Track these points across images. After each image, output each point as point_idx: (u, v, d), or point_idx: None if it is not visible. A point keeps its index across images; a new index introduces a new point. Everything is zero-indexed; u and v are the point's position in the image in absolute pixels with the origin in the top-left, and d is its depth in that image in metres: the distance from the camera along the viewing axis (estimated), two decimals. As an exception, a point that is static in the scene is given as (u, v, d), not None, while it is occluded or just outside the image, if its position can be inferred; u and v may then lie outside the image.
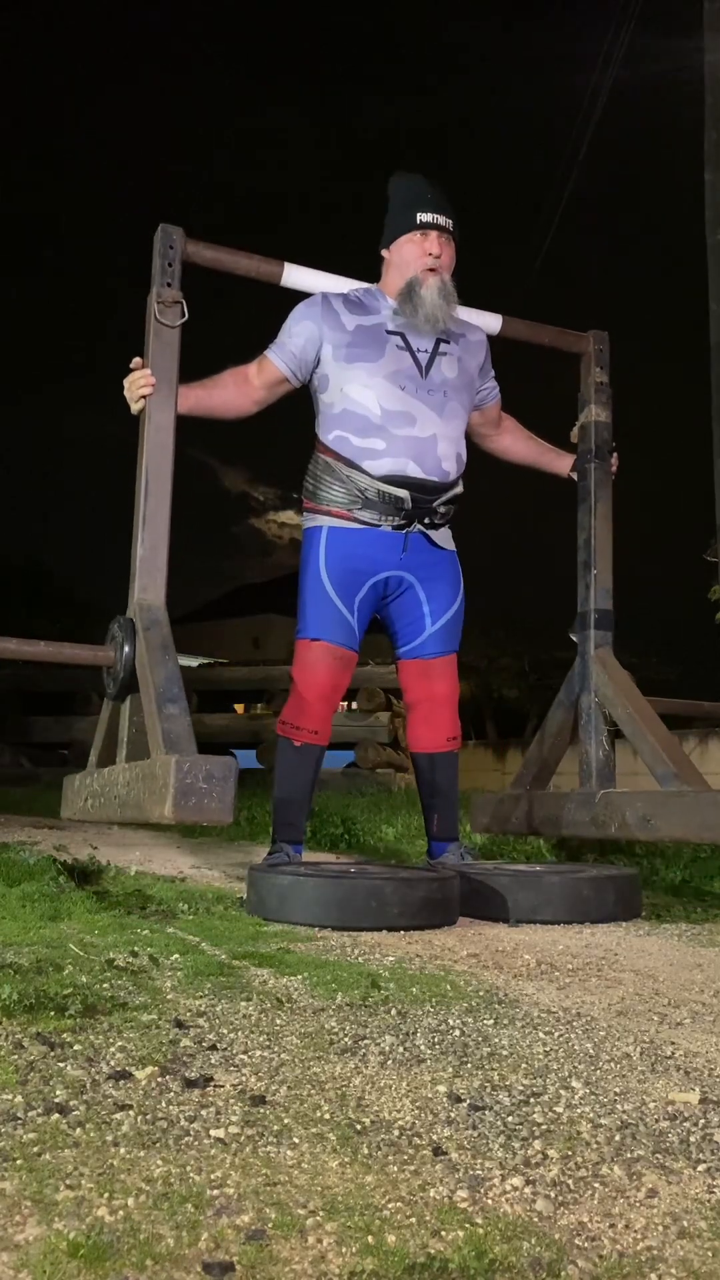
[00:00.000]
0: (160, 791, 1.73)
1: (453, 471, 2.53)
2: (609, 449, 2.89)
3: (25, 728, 9.20)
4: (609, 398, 2.90)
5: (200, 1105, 0.93)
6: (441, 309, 2.49)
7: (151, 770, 1.84)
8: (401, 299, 2.50)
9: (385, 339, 2.50)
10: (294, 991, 1.39)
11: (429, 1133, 0.89)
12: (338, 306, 2.52)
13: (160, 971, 1.47)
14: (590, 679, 2.79)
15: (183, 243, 2.45)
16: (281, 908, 1.97)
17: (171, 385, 2.38)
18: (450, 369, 2.55)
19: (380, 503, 2.47)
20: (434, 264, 2.50)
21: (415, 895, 1.95)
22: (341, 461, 2.48)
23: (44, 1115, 0.89)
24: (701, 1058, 1.14)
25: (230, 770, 1.72)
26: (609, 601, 2.84)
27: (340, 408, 2.49)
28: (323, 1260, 0.66)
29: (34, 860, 2.57)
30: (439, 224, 2.52)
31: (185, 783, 1.70)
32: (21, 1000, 1.23)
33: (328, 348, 2.50)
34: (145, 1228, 0.69)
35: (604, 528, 2.86)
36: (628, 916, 2.20)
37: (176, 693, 2.00)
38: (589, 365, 2.91)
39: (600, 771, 2.74)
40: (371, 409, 2.46)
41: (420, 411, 2.48)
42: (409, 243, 2.52)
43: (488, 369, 2.70)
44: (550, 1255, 0.68)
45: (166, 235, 2.44)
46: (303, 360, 2.53)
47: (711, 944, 1.92)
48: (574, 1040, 1.20)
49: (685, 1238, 0.71)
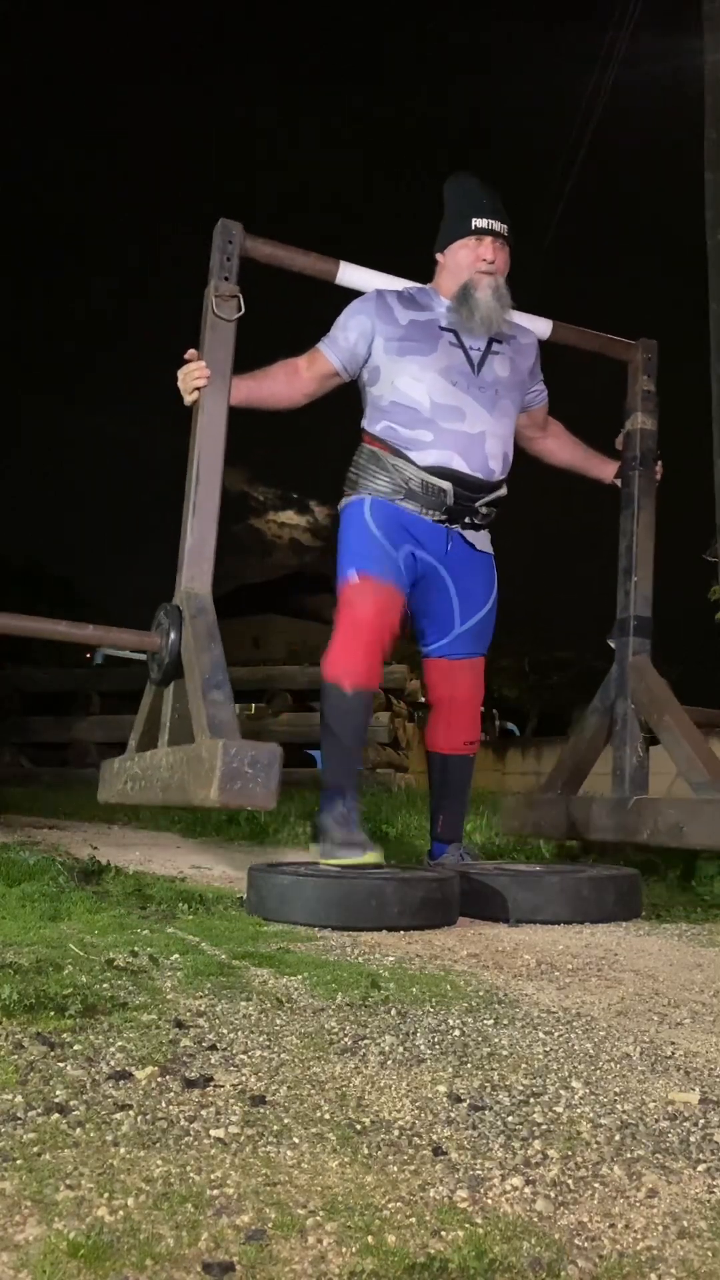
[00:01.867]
0: (206, 775, 1.76)
1: (498, 471, 2.52)
2: (654, 457, 2.88)
3: (25, 728, 9.20)
4: (655, 406, 2.90)
5: (200, 1105, 0.93)
6: (496, 311, 2.49)
7: (197, 754, 1.86)
8: (457, 301, 2.51)
9: (439, 335, 2.50)
10: (294, 991, 1.39)
11: (429, 1133, 0.89)
12: (392, 302, 2.52)
13: (160, 971, 1.47)
14: (627, 685, 2.79)
15: (241, 238, 2.46)
16: (281, 907, 1.97)
17: (225, 378, 2.40)
18: (503, 368, 2.54)
19: (423, 494, 2.45)
20: (489, 269, 2.50)
21: (415, 895, 1.95)
22: (388, 450, 2.47)
23: (44, 1115, 0.89)
24: (701, 1058, 1.14)
25: (275, 757, 1.75)
26: (649, 609, 2.83)
27: (389, 399, 2.48)
28: (323, 1260, 0.66)
29: (34, 860, 2.57)
30: (494, 230, 2.52)
31: (231, 767, 1.72)
32: (21, 1000, 1.23)
33: (379, 341, 2.49)
34: (145, 1228, 0.69)
35: (646, 535, 2.86)
36: (628, 916, 2.20)
37: (221, 679, 2.03)
38: (636, 373, 2.91)
39: (634, 777, 2.73)
40: (421, 401, 2.44)
41: (471, 407, 2.47)
42: (463, 248, 2.53)
43: (537, 371, 2.71)
44: (550, 1255, 0.68)
45: (226, 230, 2.45)
46: (354, 354, 2.52)
47: (711, 944, 1.92)
48: (574, 1040, 1.20)
49: (685, 1238, 0.71)
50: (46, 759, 9.11)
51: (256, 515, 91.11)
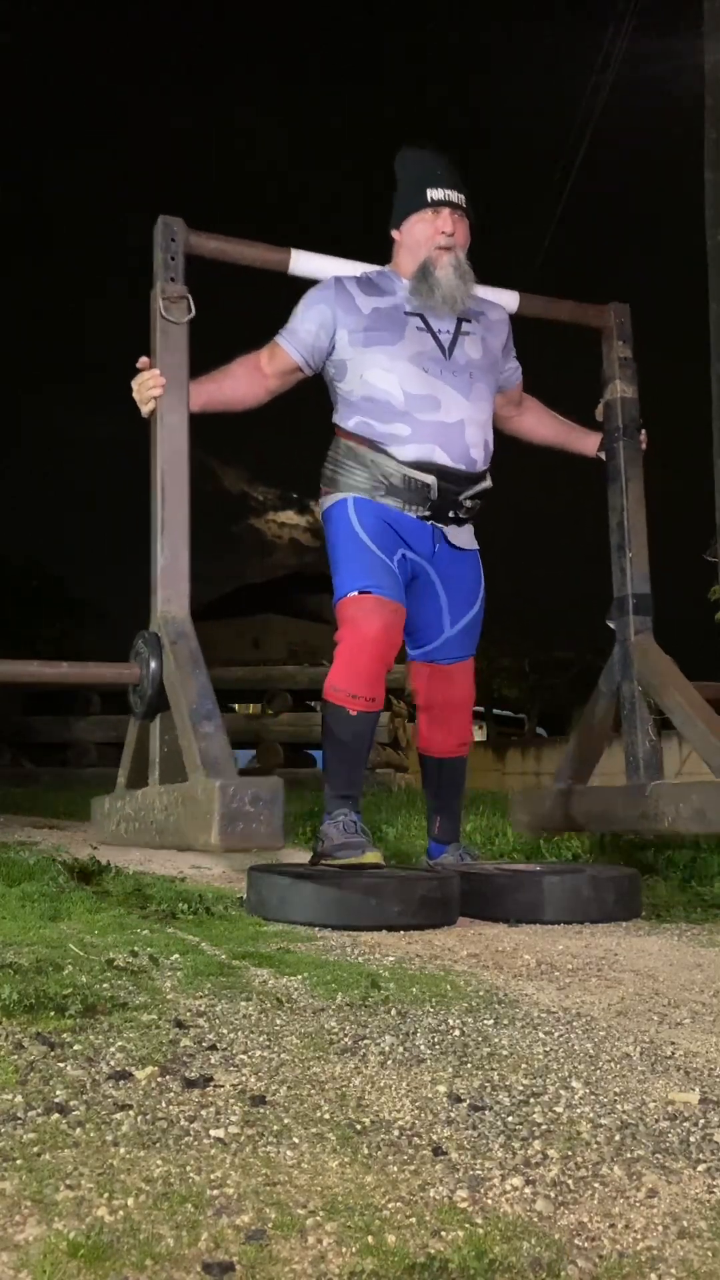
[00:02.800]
0: (205, 818, 1.66)
1: (480, 460, 2.41)
2: (637, 426, 2.76)
3: (25, 728, 9.20)
4: (634, 372, 2.77)
5: (200, 1105, 0.93)
6: (459, 289, 2.38)
7: (193, 794, 1.76)
8: (416, 281, 2.39)
9: (404, 320, 2.38)
10: (294, 991, 1.39)
11: (429, 1133, 0.89)
12: (351, 289, 2.40)
13: (160, 971, 1.47)
14: (631, 666, 2.66)
15: (185, 234, 2.33)
16: (281, 907, 1.97)
17: (183, 385, 2.27)
18: (474, 349, 2.43)
19: (405, 489, 2.35)
20: (448, 243, 2.38)
21: (415, 895, 1.94)
22: (365, 445, 2.37)
23: (44, 1115, 0.89)
24: (701, 1058, 1.14)
25: (277, 792, 1.65)
26: (647, 585, 2.71)
27: (360, 394, 2.37)
28: (323, 1260, 0.66)
29: (34, 860, 2.57)
30: (451, 200, 2.40)
31: (231, 808, 1.62)
32: (21, 1000, 1.23)
33: (343, 333, 2.38)
34: (145, 1228, 0.69)
35: (637, 508, 2.73)
36: (628, 916, 2.19)
37: (211, 709, 1.92)
38: (611, 340, 2.77)
39: (648, 763, 2.60)
40: (394, 394, 2.34)
41: (446, 395, 2.36)
42: (420, 222, 2.41)
43: (510, 348, 2.59)
44: (550, 1255, 0.68)
45: (167, 228, 2.32)
46: (315, 347, 2.41)
47: (711, 944, 1.92)
48: (574, 1040, 1.20)
49: (685, 1238, 0.71)
50: (46, 759, 9.10)
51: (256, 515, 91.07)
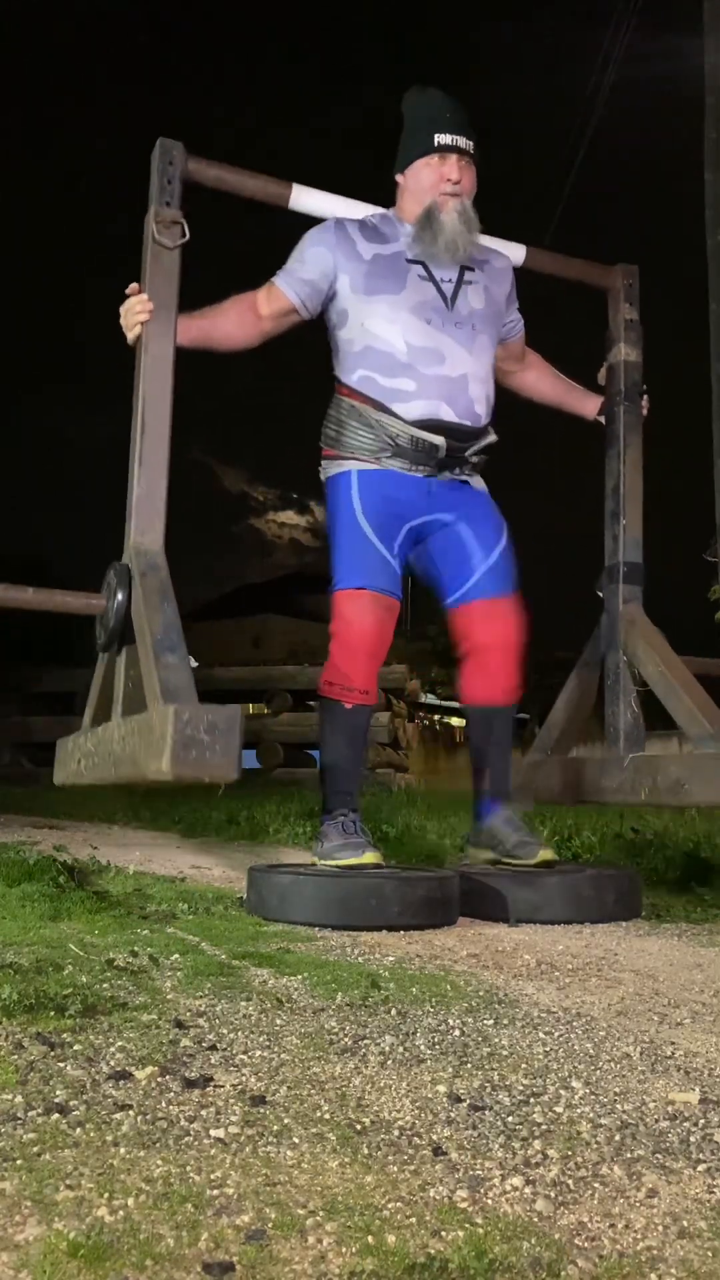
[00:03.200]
0: (158, 744, 1.59)
1: (484, 415, 2.36)
2: (639, 391, 2.68)
3: (25, 728, 9.20)
4: (639, 336, 2.70)
5: (200, 1105, 0.93)
6: (463, 235, 2.32)
7: (148, 722, 1.71)
8: (419, 226, 2.33)
9: (406, 269, 2.33)
10: (294, 991, 1.39)
11: (429, 1133, 0.89)
12: (353, 233, 2.34)
13: (160, 971, 1.47)
14: (618, 636, 2.60)
15: (183, 159, 2.27)
16: (281, 907, 1.97)
17: (171, 312, 2.20)
18: (477, 299, 2.37)
19: (412, 450, 2.30)
20: (454, 189, 2.32)
21: (415, 895, 1.94)
22: (369, 404, 2.31)
23: (44, 1115, 0.89)
24: (701, 1058, 1.14)
25: (234, 720, 1.58)
26: (639, 554, 2.64)
27: (362, 344, 2.32)
28: (323, 1260, 0.66)
29: (34, 860, 2.57)
30: (459, 146, 2.33)
31: (185, 734, 1.55)
32: (21, 1000, 1.23)
33: (344, 279, 2.32)
34: (145, 1228, 0.69)
35: (634, 475, 2.65)
36: (628, 916, 2.19)
37: (175, 641, 1.86)
38: (617, 301, 2.71)
39: (629, 734, 2.56)
40: (396, 345, 2.28)
41: (449, 348, 2.31)
42: (426, 167, 2.35)
43: (513, 299, 2.53)
44: (550, 1255, 0.68)
45: (166, 151, 2.26)
46: (315, 290, 2.35)
47: (711, 944, 1.92)
48: (574, 1040, 1.20)
49: (685, 1238, 0.71)
50: (46, 759, 9.11)
51: (256, 515, 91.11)
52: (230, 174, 2.36)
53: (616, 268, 2.75)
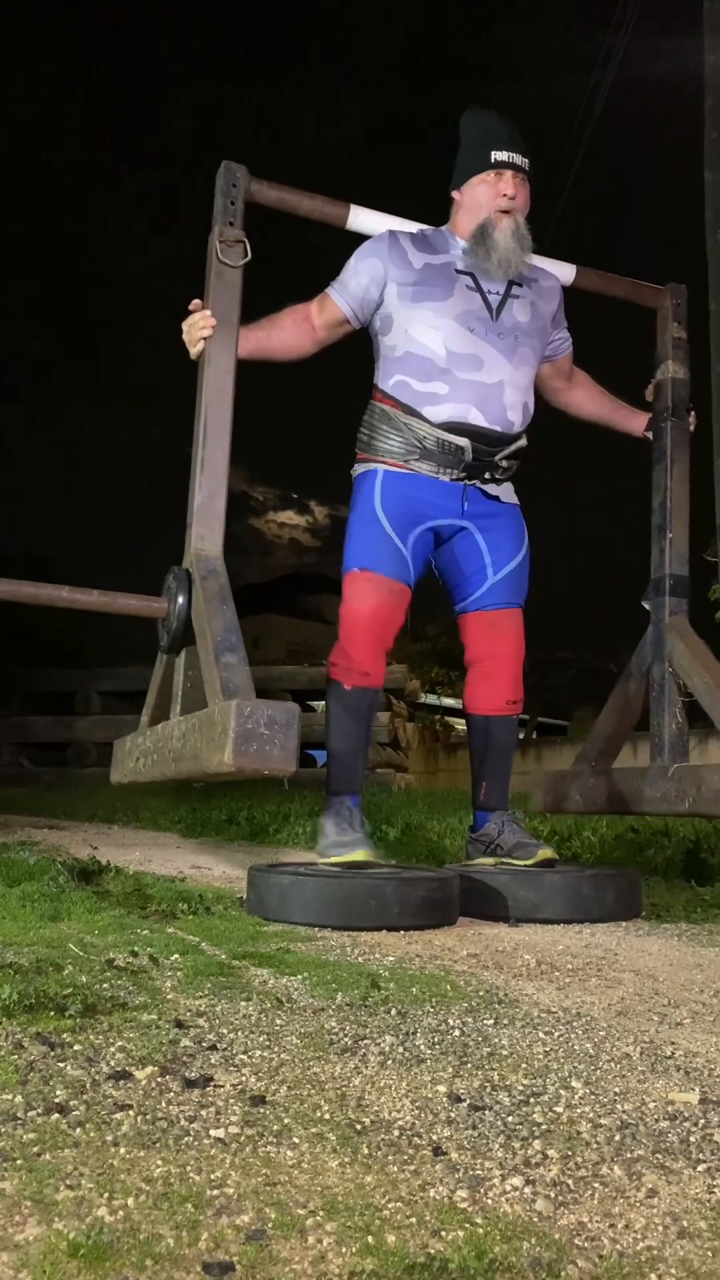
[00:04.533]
0: (220, 738, 1.64)
1: (517, 422, 2.41)
2: (686, 407, 2.75)
3: (25, 728, 9.21)
4: (686, 354, 2.77)
5: (200, 1105, 0.93)
6: (515, 253, 2.38)
7: (210, 717, 1.76)
8: (474, 241, 2.39)
9: (455, 278, 2.39)
10: (294, 991, 1.39)
11: (429, 1133, 0.89)
12: (405, 244, 2.41)
13: (160, 971, 1.47)
14: (664, 647, 2.64)
15: (246, 181, 2.37)
16: (281, 907, 1.97)
17: (233, 327, 2.30)
18: (523, 313, 2.43)
19: (439, 453, 2.36)
20: (509, 205, 2.38)
21: (415, 895, 1.94)
22: (400, 409, 2.37)
23: (44, 1115, 0.89)
24: (701, 1058, 1.14)
25: (293, 716, 1.64)
26: (685, 567, 2.69)
27: (403, 350, 2.38)
28: (323, 1260, 0.66)
29: (34, 860, 2.57)
30: (515, 163, 2.39)
31: (246, 728, 1.60)
32: (21, 1000, 1.23)
33: (392, 287, 2.38)
34: (145, 1228, 0.69)
35: (681, 489, 2.71)
36: (628, 916, 2.19)
37: (235, 641, 1.93)
38: (666, 320, 2.77)
39: (673, 745, 2.60)
40: (436, 350, 2.34)
41: (489, 355, 2.36)
42: (482, 183, 2.40)
43: (561, 318, 2.58)
44: (550, 1255, 0.68)
45: (230, 173, 2.35)
46: (365, 300, 2.42)
47: (711, 944, 1.92)
48: (574, 1040, 1.20)
49: (685, 1238, 0.71)
50: (46, 759, 9.11)
51: (256, 515, 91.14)
52: (290, 195, 2.45)
53: (666, 288, 2.81)
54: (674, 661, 2.62)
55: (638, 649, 2.75)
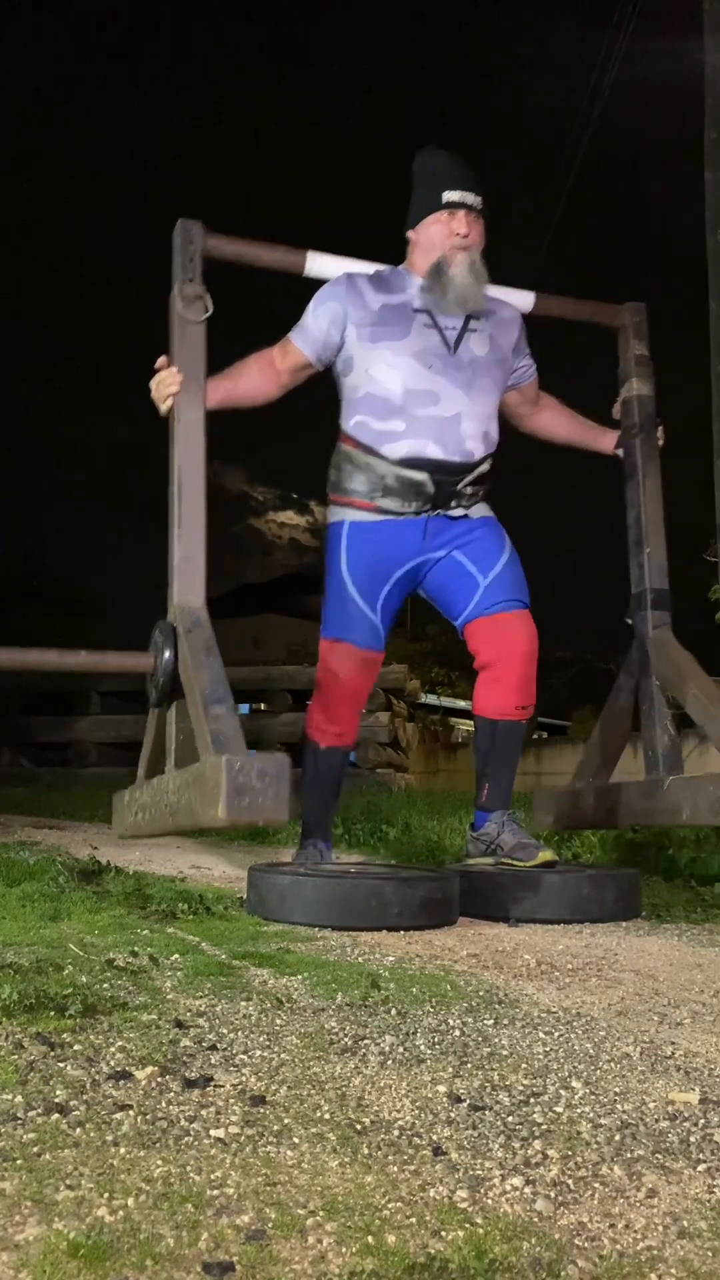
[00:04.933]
0: (212, 793, 1.68)
1: (477, 451, 2.44)
2: (654, 423, 2.79)
3: (25, 728, 9.20)
4: (650, 371, 2.79)
5: (200, 1105, 0.93)
6: (471, 288, 2.41)
7: (202, 773, 1.80)
8: (430, 279, 2.43)
9: (412, 317, 2.42)
10: (294, 991, 1.39)
11: (429, 1133, 0.89)
12: (362, 286, 2.45)
13: (160, 971, 1.47)
14: (650, 662, 2.67)
15: (203, 237, 2.39)
16: (281, 907, 1.97)
17: (199, 381, 2.32)
18: (480, 346, 2.47)
19: (401, 489, 2.40)
20: (462, 243, 2.42)
21: (415, 895, 1.94)
22: (360, 448, 2.43)
23: (44, 1115, 0.89)
24: (701, 1058, 1.14)
25: (283, 767, 1.68)
26: (665, 580, 2.72)
27: (364, 390, 2.42)
28: (323, 1260, 0.66)
29: (34, 860, 2.57)
30: (466, 202, 2.44)
31: (238, 782, 1.64)
32: (21, 1000, 1.23)
33: (352, 329, 2.43)
34: (145, 1228, 0.69)
35: (654, 504, 2.74)
36: (628, 916, 2.20)
37: (223, 693, 1.96)
38: (627, 338, 2.81)
39: (667, 757, 2.62)
40: (394, 389, 2.39)
41: (445, 390, 2.40)
42: (436, 223, 2.44)
43: (522, 347, 2.61)
44: (550, 1255, 0.68)
45: (186, 230, 2.38)
46: (326, 343, 2.46)
47: (711, 944, 1.92)
48: (574, 1040, 1.20)
49: (685, 1238, 0.71)
50: (46, 759, 9.11)
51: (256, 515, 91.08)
52: (248, 248, 2.47)
53: (625, 306, 2.82)
54: (661, 675, 2.65)
55: (624, 664, 2.79)
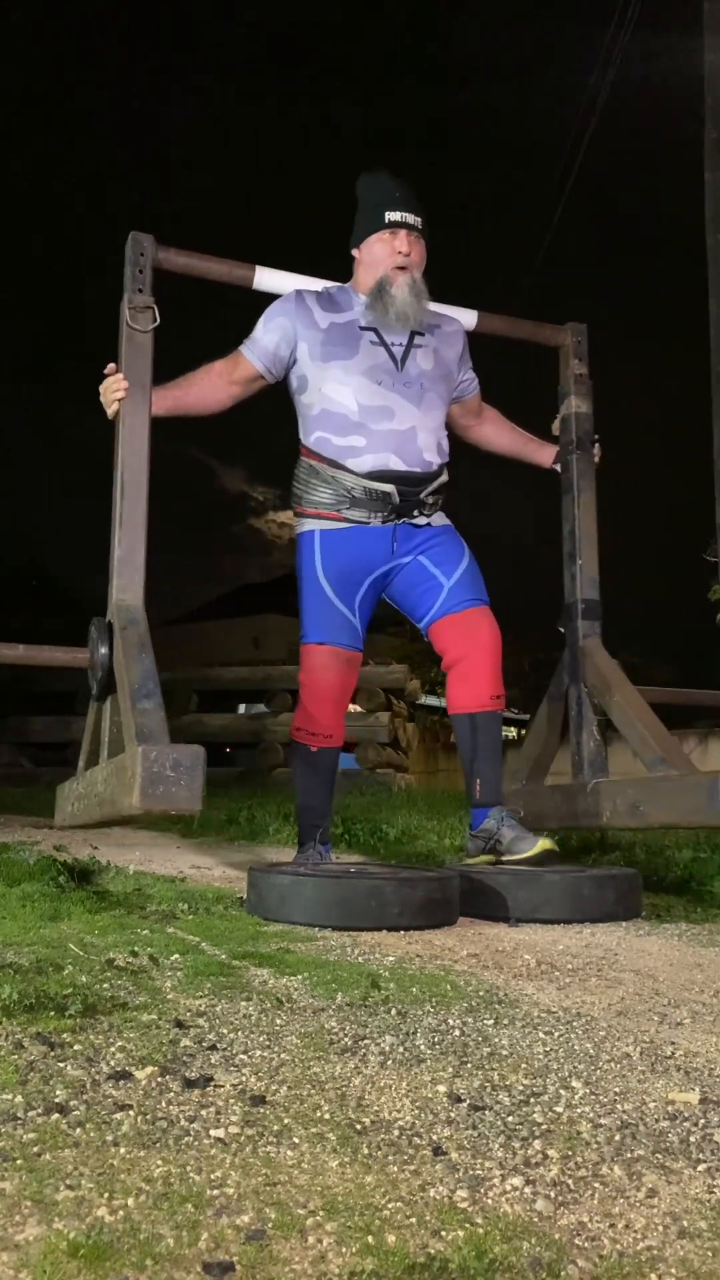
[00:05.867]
0: (129, 782, 1.72)
1: (435, 461, 2.53)
2: (591, 440, 2.90)
3: (25, 728, 9.20)
4: (589, 389, 2.91)
5: (200, 1105, 0.93)
6: (412, 306, 2.50)
7: (122, 762, 1.85)
8: (372, 297, 2.52)
9: (359, 335, 2.51)
10: (294, 991, 1.39)
11: (429, 1133, 0.89)
12: (311, 304, 2.53)
13: (160, 971, 1.47)
14: (579, 669, 2.79)
15: (154, 250, 2.49)
16: (281, 907, 1.97)
17: (145, 389, 2.41)
18: (426, 361, 2.55)
19: (368, 500, 2.47)
20: (404, 262, 2.51)
21: (415, 895, 1.94)
22: (325, 463, 2.49)
23: (44, 1115, 0.89)
24: (701, 1058, 1.14)
25: (198, 758, 1.71)
26: (596, 591, 2.84)
27: (319, 408, 2.50)
28: (323, 1260, 0.66)
29: (34, 860, 2.57)
30: (407, 222, 2.53)
31: (152, 771, 1.68)
32: (21, 1000, 1.23)
33: (303, 346, 2.51)
34: (145, 1228, 0.69)
35: (588, 518, 2.87)
36: (628, 916, 2.20)
37: (151, 688, 2.01)
38: (568, 357, 2.92)
39: (592, 762, 2.73)
40: (349, 405, 2.47)
41: (398, 405, 2.48)
42: (378, 241, 2.53)
43: (466, 360, 2.70)
44: (550, 1255, 0.68)
45: (137, 243, 2.48)
46: (277, 356, 2.54)
47: (711, 944, 1.92)
48: (574, 1040, 1.20)
49: (685, 1238, 0.71)
50: (46, 759, 9.11)
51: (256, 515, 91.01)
52: (197, 261, 2.58)
53: (566, 327, 2.95)
54: (588, 682, 2.77)
55: (556, 672, 2.91)
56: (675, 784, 2.26)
